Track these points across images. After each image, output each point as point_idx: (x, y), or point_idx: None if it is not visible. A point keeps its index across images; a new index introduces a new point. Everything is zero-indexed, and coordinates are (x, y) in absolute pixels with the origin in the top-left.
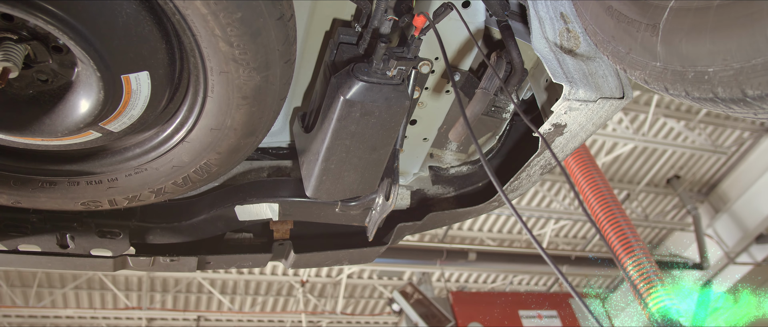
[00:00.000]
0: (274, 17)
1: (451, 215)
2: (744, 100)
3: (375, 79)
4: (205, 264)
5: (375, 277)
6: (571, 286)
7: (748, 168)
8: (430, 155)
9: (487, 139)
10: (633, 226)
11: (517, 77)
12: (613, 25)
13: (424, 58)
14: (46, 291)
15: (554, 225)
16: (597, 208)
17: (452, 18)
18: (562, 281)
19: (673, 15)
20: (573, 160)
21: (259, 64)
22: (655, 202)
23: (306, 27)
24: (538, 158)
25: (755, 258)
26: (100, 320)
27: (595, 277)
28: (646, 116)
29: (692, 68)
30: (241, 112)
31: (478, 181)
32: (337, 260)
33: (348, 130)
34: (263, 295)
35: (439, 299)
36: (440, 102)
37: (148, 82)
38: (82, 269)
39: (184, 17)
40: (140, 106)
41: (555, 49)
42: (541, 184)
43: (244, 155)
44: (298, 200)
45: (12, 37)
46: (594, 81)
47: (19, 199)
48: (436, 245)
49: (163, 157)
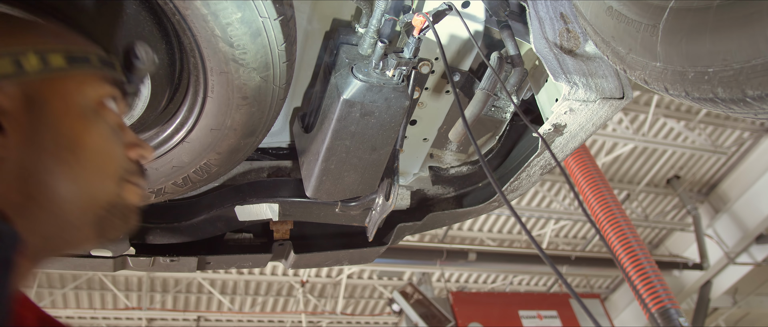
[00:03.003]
0: (274, 17)
1: (451, 215)
2: (744, 100)
3: (375, 80)
4: (205, 264)
5: (375, 278)
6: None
7: (748, 168)
8: (430, 155)
9: (487, 140)
10: (633, 226)
11: (517, 77)
12: (613, 25)
13: (424, 59)
14: (46, 291)
15: (554, 225)
16: (597, 208)
17: (452, 18)
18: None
19: (673, 15)
20: (573, 160)
21: (259, 64)
22: (655, 202)
23: (306, 27)
24: (538, 158)
25: (755, 258)
26: (100, 320)
27: (595, 277)
28: (646, 116)
29: (692, 68)
30: (241, 113)
31: (478, 181)
32: (337, 260)
33: (348, 130)
34: (263, 295)
35: (439, 299)
36: (440, 102)
37: (148, 82)
38: (82, 269)
39: (184, 17)
40: (140, 106)
41: (555, 49)
42: (541, 184)
43: (244, 155)
44: (298, 200)
45: None
46: (594, 81)
47: None
48: (436, 245)
49: (162, 157)
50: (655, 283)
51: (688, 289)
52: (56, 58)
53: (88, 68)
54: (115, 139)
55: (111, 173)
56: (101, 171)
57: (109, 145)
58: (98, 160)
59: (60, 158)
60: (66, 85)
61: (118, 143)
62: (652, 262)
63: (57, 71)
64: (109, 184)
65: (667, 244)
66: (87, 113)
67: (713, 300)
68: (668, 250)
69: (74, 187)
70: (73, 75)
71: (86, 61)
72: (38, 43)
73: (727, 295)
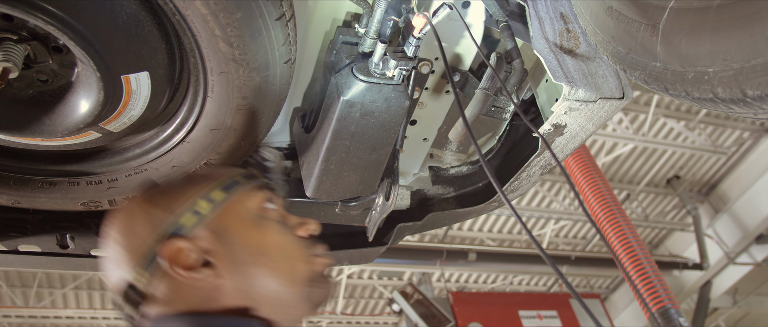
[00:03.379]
0: (274, 17)
1: (451, 215)
2: (744, 100)
3: (375, 80)
4: None
5: (375, 277)
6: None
7: (748, 168)
8: (430, 155)
9: (487, 140)
10: (633, 226)
11: (517, 77)
12: (613, 25)
13: (424, 59)
14: (46, 291)
15: (554, 225)
16: (597, 208)
17: (452, 18)
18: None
19: (673, 15)
20: (573, 160)
21: (259, 64)
22: (655, 202)
23: (306, 27)
24: (538, 158)
25: (755, 258)
26: (100, 320)
27: (595, 277)
28: (646, 116)
29: (692, 68)
30: (241, 113)
31: (478, 181)
32: (336, 260)
33: (348, 130)
34: None
35: (439, 299)
36: (440, 102)
37: (148, 82)
38: (82, 269)
39: (184, 17)
40: (140, 106)
41: (555, 49)
42: (541, 184)
43: (244, 156)
44: (298, 200)
45: (12, 37)
46: (594, 81)
47: (19, 200)
48: (436, 245)
49: (163, 157)
50: (655, 283)
51: (688, 289)
52: (217, 194)
53: (240, 188)
54: (285, 228)
55: (296, 256)
56: (289, 258)
57: (284, 236)
58: (283, 252)
59: (257, 263)
60: (233, 209)
61: (288, 231)
62: (652, 262)
63: (222, 203)
64: (299, 265)
65: (667, 244)
66: (257, 220)
67: (713, 300)
68: (668, 250)
69: (277, 279)
70: (234, 199)
71: (237, 183)
72: (200, 191)
73: (727, 295)
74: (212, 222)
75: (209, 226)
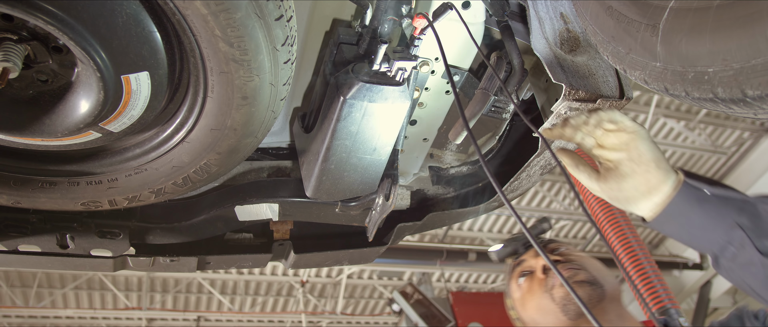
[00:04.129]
0: (274, 17)
1: (451, 215)
2: (744, 100)
3: (375, 80)
4: (205, 264)
5: (375, 278)
6: (571, 286)
7: (748, 168)
8: (430, 155)
9: (487, 140)
10: (633, 226)
11: (517, 77)
12: (613, 25)
13: (424, 59)
14: (46, 291)
15: (554, 225)
16: (597, 208)
17: (452, 18)
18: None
19: (673, 15)
20: None
21: (259, 64)
22: None
23: (306, 27)
24: (538, 158)
25: None
26: (100, 320)
27: None
28: (646, 116)
29: (692, 68)
30: (241, 113)
31: (479, 181)
32: (337, 260)
33: (348, 130)
34: (263, 295)
35: (439, 299)
36: (440, 102)
37: (148, 82)
38: (82, 269)
39: (184, 17)
40: (140, 106)
41: (555, 49)
42: (541, 184)
43: (244, 156)
44: (298, 200)
45: (12, 37)
46: (594, 81)
47: (19, 200)
48: (436, 245)
49: (163, 157)
50: (655, 283)
51: (688, 289)
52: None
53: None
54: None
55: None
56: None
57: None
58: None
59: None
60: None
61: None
62: (652, 261)
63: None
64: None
65: (667, 244)
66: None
67: (713, 300)
68: (668, 250)
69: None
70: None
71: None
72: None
73: (727, 295)
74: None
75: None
